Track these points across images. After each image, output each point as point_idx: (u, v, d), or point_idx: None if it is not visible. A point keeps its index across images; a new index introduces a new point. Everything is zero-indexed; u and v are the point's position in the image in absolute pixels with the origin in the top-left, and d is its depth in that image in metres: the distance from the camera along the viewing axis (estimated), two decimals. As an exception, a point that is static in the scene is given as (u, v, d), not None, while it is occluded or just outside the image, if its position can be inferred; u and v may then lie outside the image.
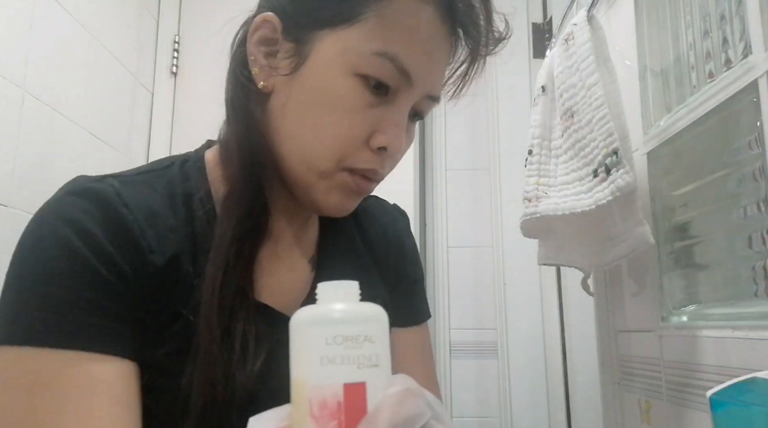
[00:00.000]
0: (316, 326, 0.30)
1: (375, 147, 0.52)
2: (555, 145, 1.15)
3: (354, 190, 0.54)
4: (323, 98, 0.51)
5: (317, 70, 0.52)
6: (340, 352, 0.29)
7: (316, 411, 0.29)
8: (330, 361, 0.29)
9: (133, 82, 1.67)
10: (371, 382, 0.30)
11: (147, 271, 0.48)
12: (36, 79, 1.21)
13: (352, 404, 0.29)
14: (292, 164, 0.54)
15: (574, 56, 1.07)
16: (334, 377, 0.29)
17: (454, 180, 1.87)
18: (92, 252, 0.46)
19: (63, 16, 1.32)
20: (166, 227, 0.51)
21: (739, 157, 0.83)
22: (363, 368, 0.30)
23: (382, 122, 0.52)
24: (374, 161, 0.53)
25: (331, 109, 0.51)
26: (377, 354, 0.30)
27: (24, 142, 1.17)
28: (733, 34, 0.83)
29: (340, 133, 0.51)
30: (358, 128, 0.51)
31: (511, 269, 1.77)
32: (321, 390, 0.29)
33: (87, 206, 0.47)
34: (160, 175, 0.55)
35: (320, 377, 0.29)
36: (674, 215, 1.01)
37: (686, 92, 0.96)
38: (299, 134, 0.53)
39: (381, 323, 0.31)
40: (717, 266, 0.91)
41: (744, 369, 0.71)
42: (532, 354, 1.72)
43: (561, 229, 1.13)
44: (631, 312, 1.12)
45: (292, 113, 0.53)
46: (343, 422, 0.29)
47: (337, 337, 0.30)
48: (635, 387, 1.09)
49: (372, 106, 0.51)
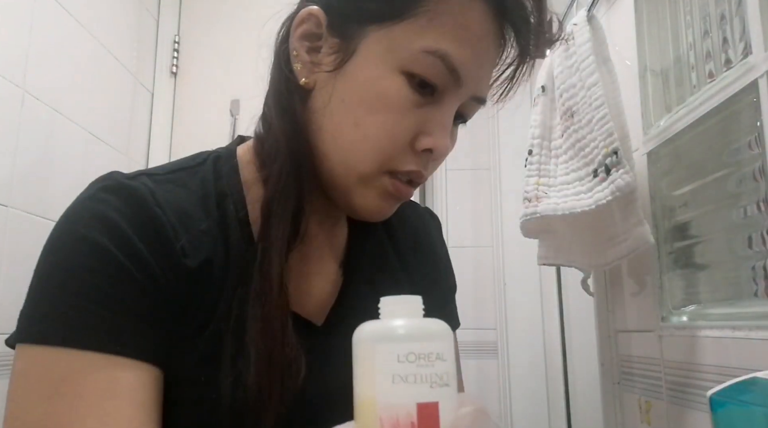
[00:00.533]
0: (386, 342, 0.29)
1: (420, 149, 0.50)
2: (555, 145, 1.15)
3: (394, 194, 0.52)
4: (367, 96, 0.49)
5: (362, 66, 0.50)
6: (413, 370, 0.29)
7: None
8: (402, 380, 0.28)
9: (133, 82, 1.67)
10: (443, 402, 0.29)
11: (179, 275, 0.47)
12: (36, 79, 1.21)
13: (425, 424, 0.28)
14: (332, 165, 0.52)
15: (574, 56, 1.07)
16: (406, 396, 0.28)
17: (454, 180, 1.87)
18: (124, 253, 0.44)
19: (63, 16, 1.32)
20: (199, 230, 0.49)
21: (739, 157, 0.82)
22: (435, 387, 0.29)
23: (428, 123, 0.50)
24: (417, 163, 0.51)
25: (375, 108, 0.49)
26: (448, 372, 0.29)
27: (24, 142, 1.17)
28: (733, 34, 0.83)
29: (384, 134, 0.49)
30: (403, 129, 0.49)
31: (511, 269, 1.77)
32: (393, 409, 0.28)
33: (120, 204, 0.46)
34: (193, 172, 0.53)
35: (392, 396, 0.28)
36: (674, 215, 1.01)
37: (686, 92, 0.96)
38: (341, 134, 0.51)
39: (449, 340, 0.30)
40: (717, 266, 0.91)
41: (744, 369, 0.70)
42: (532, 354, 1.72)
43: (561, 229, 1.13)
44: (631, 312, 1.12)
45: (335, 111, 0.51)
46: None
47: (410, 355, 0.29)
48: (635, 387, 1.09)
49: (418, 106, 0.49)
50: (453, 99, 0.51)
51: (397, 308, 0.31)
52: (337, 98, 0.51)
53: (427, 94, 0.50)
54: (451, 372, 0.30)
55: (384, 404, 0.28)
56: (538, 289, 1.76)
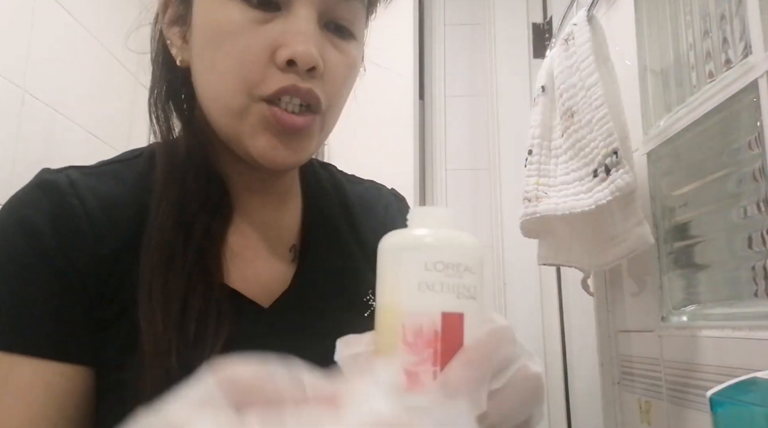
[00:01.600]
0: (414, 250, 0.28)
1: (281, 62, 0.46)
2: (555, 145, 1.15)
3: (277, 126, 0.47)
4: (212, 33, 0.48)
5: (200, 11, 0.49)
6: (440, 279, 0.28)
7: (410, 338, 0.27)
8: (429, 287, 0.27)
9: (133, 82, 1.67)
10: (469, 314, 0.28)
11: (92, 264, 0.46)
12: (36, 79, 1.21)
13: (449, 334, 0.27)
14: (214, 117, 0.50)
15: (574, 56, 1.07)
16: (432, 304, 0.27)
17: (454, 180, 1.87)
18: (33, 251, 0.45)
19: (63, 16, 1.32)
20: (125, 217, 0.49)
21: (739, 157, 0.83)
22: (462, 298, 0.28)
23: (283, 35, 0.46)
24: (288, 79, 0.46)
25: (220, 41, 0.47)
26: (475, 285, 0.28)
27: (24, 142, 1.17)
28: (733, 34, 0.83)
29: (235, 60, 0.47)
30: (253, 47, 0.46)
31: (511, 269, 1.77)
32: (417, 317, 0.27)
33: (39, 198, 0.47)
34: (129, 165, 0.54)
35: (417, 303, 0.27)
36: (674, 215, 1.01)
37: (686, 92, 0.96)
38: (206, 83, 0.49)
39: (479, 254, 0.29)
40: (717, 266, 0.91)
41: (744, 369, 0.70)
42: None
43: (561, 229, 1.13)
44: (631, 312, 1.12)
45: (197, 68, 0.50)
46: (438, 351, 0.27)
47: (438, 264, 0.28)
48: (635, 387, 1.09)
49: (263, 22, 0.46)
50: (301, 2, 0.47)
51: (428, 218, 0.30)
52: (195, 55, 0.50)
53: (272, 9, 0.47)
54: (478, 286, 0.29)
55: (408, 311, 0.27)
56: (538, 289, 1.76)
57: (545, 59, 1.24)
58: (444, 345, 0.27)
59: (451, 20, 1.96)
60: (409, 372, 0.27)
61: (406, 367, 0.27)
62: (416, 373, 0.27)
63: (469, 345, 0.27)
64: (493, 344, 0.28)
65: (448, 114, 1.91)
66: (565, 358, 1.66)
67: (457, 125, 1.90)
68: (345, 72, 0.51)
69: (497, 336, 0.28)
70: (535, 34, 1.88)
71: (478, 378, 0.27)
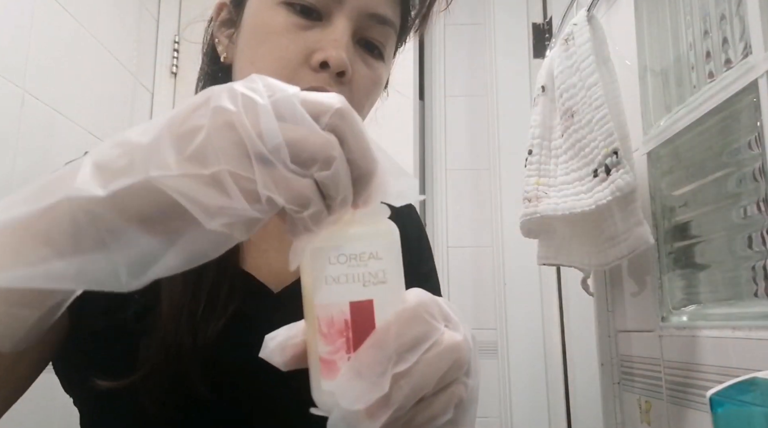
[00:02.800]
0: (319, 248, 0.30)
1: (315, 65, 0.51)
2: (555, 145, 1.15)
3: None
4: (256, 34, 0.53)
5: (249, 14, 0.54)
6: (344, 271, 0.30)
7: (324, 329, 0.29)
8: (335, 280, 0.30)
9: (133, 82, 1.67)
10: (379, 299, 0.30)
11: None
12: (36, 79, 1.21)
13: (360, 321, 0.29)
14: None
15: (574, 56, 1.07)
16: (339, 295, 0.29)
17: (454, 180, 1.87)
18: None
19: (63, 16, 1.32)
20: None
21: (739, 157, 0.83)
22: (369, 285, 0.30)
23: (320, 41, 0.51)
24: (318, 79, 0.51)
25: (263, 40, 0.52)
26: (384, 270, 0.30)
27: (24, 142, 1.17)
28: (733, 34, 0.83)
29: (274, 56, 0.51)
30: (291, 49, 0.51)
31: (511, 269, 1.77)
32: (328, 308, 0.29)
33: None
34: None
35: (327, 296, 0.30)
36: (674, 215, 1.01)
37: (686, 92, 0.96)
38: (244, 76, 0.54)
39: (387, 238, 0.31)
40: (717, 266, 0.91)
41: (744, 369, 0.71)
42: (532, 354, 1.72)
43: (561, 229, 1.13)
44: (631, 312, 1.12)
45: (238, 63, 0.55)
46: (350, 339, 0.29)
47: (341, 256, 0.30)
48: (635, 387, 1.09)
49: (304, 28, 0.51)
50: (340, 17, 0.52)
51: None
52: (238, 52, 0.55)
53: (314, 18, 0.52)
54: (389, 269, 0.30)
55: (320, 305, 0.30)
56: (538, 289, 1.75)
57: (545, 59, 1.24)
58: (356, 333, 0.29)
59: (451, 20, 1.95)
60: (325, 360, 0.29)
61: (322, 356, 0.29)
62: (333, 361, 0.29)
63: (378, 329, 0.29)
64: (401, 324, 0.29)
65: (448, 114, 1.91)
66: (565, 358, 1.66)
67: (457, 125, 1.90)
68: (370, 86, 0.55)
69: (405, 316, 0.29)
70: (535, 34, 1.87)
71: (383, 360, 0.28)
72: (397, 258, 0.31)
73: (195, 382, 0.47)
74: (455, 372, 0.30)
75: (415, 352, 0.28)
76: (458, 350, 0.29)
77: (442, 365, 0.29)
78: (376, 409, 0.27)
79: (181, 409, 0.48)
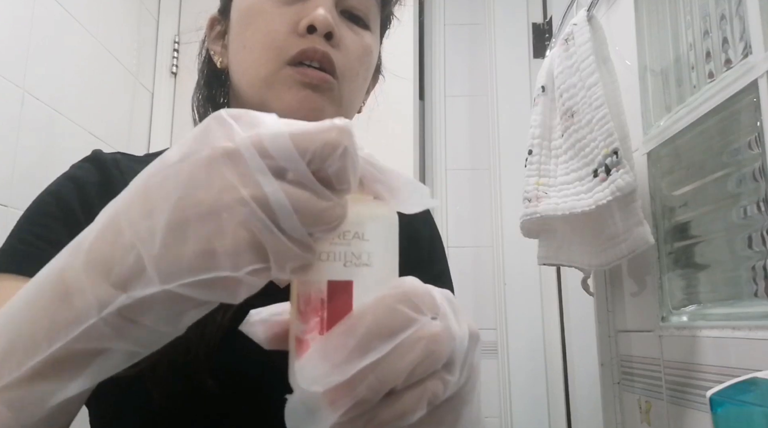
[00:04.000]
0: None
1: (302, 29, 0.54)
2: (555, 145, 1.15)
3: (302, 81, 0.54)
4: (244, 18, 0.57)
5: (236, 7, 0.58)
6: (327, 248, 0.28)
7: (302, 306, 0.28)
8: (317, 257, 0.28)
9: (133, 82, 1.67)
10: (360, 282, 0.28)
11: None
12: (36, 79, 1.21)
13: (336, 302, 0.28)
14: (244, 89, 0.57)
15: (574, 56, 1.07)
16: (319, 273, 0.28)
17: (454, 180, 1.87)
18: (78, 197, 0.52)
19: (63, 17, 1.32)
20: None
21: (739, 157, 0.83)
22: (350, 266, 0.28)
23: (304, 11, 0.54)
24: (307, 41, 0.54)
25: (250, 22, 0.56)
26: (369, 252, 0.28)
27: (24, 142, 1.17)
28: (733, 34, 0.83)
29: (262, 32, 0.55)
30: (278, 21, 0.54)
31: (511, 269, 1.77)
32: (307, 285, 0.28)
33: (89, 167, 0.56)
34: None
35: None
36: (674, 215, 1.01)
37: (686, 92, 0.96)
38: (238, 61, 0.57)
39: (379, 222, 0.29)
40: (717, 266, 0.91)
41: (744, 369, 0.71)
42: (532, 354, 1.72)
43: (561, 229, 1.13)
44: (631, 312, 1.12)
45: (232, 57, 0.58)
46: (325, 319, 0.27)
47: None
48: (635, 387, 1.09)
49: (287, 4, 0.55)
50: None
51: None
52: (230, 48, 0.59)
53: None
54: (375, 253, 0.28)
55: (300, 281, 0.28)
56: (538, 289, 1.75)
57: (545, 59, 1.24)
58: (330, 313, 0.27)
59: (451, 20, 1.96)
60: (299, 339, 0.28)
61: (297, 334, 0.28)
62: (306, 341, 0.28)
63: (353, 313, 0.27)
64: (379, 311, 0.27)
65: (448, 114, 1.91)
66: (565, 358, 1.66)
67: (457, 125, 1.90)
68: (359, 50, 0.58)
69: (385, 303, 0.27)
70: (535, 34, 1.87)
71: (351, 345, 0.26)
72: (389, 244, 0.29)
73: (202, 374, 0.47)
74: (430, 366, 0.27)
75: (388, 342, 0.26)
76: (435, 342, 0.27)
77: (412, 356, 0.26)
78: (338, 397, 0.26)
79: (188, 401, 0.48)
